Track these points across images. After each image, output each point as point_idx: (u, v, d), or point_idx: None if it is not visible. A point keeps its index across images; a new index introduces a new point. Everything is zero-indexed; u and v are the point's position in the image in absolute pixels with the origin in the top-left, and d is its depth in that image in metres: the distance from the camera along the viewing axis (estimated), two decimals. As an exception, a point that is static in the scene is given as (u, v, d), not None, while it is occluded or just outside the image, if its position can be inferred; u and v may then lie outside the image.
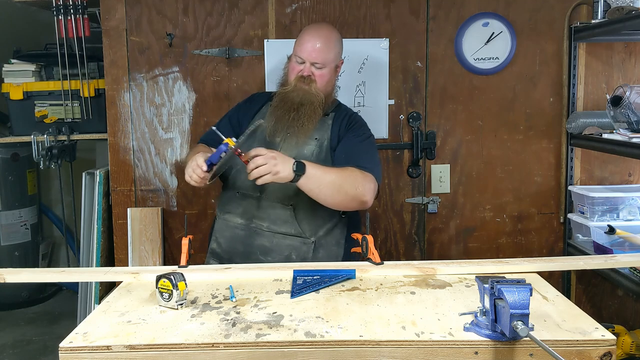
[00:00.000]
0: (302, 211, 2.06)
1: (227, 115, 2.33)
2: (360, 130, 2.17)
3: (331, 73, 2.15)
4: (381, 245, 2.93)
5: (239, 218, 2.11)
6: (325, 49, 2.11)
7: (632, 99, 2.43)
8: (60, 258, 4.45)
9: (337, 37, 2.18)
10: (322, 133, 2.13)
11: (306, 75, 2.10)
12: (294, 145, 2.10)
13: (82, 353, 1.32)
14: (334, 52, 2.14)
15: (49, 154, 2.96)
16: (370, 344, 1.33)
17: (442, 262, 1.86)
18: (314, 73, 2.11)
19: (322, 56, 2.10)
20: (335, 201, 1.96)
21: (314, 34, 2.13)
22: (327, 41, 2.12)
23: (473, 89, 2.89)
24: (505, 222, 2.97)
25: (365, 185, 1.96)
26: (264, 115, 2.17)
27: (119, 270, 1.89)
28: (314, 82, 2.10)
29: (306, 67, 2.11)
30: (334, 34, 2.17)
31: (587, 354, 1.31)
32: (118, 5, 2.76)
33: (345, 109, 2.27)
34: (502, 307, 1.27)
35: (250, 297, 1.60)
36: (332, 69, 2.15)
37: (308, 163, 1.90)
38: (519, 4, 2.85)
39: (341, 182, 1.93)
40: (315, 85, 2.10)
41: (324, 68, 2.11)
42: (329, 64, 2.12)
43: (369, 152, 2.12)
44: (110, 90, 2.81)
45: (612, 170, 2.95)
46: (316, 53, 2.10)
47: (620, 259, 1.97)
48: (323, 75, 2.12)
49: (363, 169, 1.99)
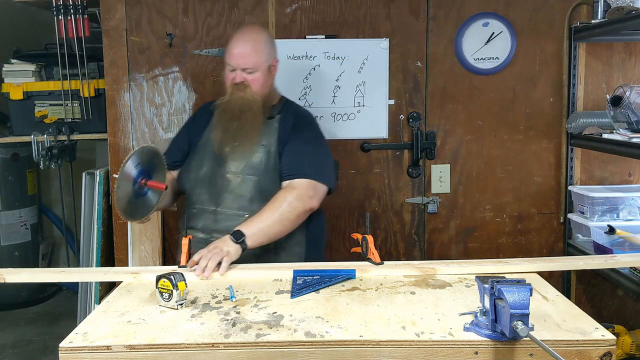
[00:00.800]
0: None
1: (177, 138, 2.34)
2: (304, 132, 2.16)
3: (265, 75, 2.12)
4: (381, 245, 2.93)
5: (200, 233, 2.13)
6: (253, 52, 2.09)
7: (632, 99, 2.43)
8: (60, 258, 4.45)
9: (266, 38, 2.15)
10: (269, 138, 2.12)
11: (239, 82, 2.09)
12: (242, 155, 2.11)
13: (82, 353, 1.32)
14: (263, 54, 2.11)
15: (49, 154, 2.96)
16: (370, 344, 1.33)
17: (442, 262, 1.86)
18: (247, 78, 2.09)
19: (251, 61, 2.08)
20: (290, 229, 2.01)
21: (240, 39, 2.11)
22: (255, 44, 2.10)
23: (473, 89, 2.89)
24: (505, 222, 2.97)
25: (302, 195, 2.00)
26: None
27: (119, 270, 1.89)
28: (248, 88, 2.09)
29: (238, 74, 2.09)
30: (261, 36, 2.14)
31: (587, 354, 1.31)
32: (118, 5, 2.76)
33: (293, 107, 2.26)
34: (502, 307, 1.27)
35: (250, 297, 1.61)
36: (266, 71, 2.12)
37: (241, 225, 1.94)
38: (519, 4, 2.85)
39: (280, 217, 1.97)
40: (251, 90, 2.09)
41: (256, 72, 2.09)
42: (260, 67, 2.10)
43: (313, 156, 2.13)
44: (110, 90, 2.81)
45: (612, 170, 2.95)
46: (244, 59, 2.08)
47: (620, 259, 1.97)
48: (256, 79, 2.10)
49: (304, 176, 2.03)
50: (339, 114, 2.87)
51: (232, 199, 2.09)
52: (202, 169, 2.15)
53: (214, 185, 2.11)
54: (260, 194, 2.07)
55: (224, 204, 2.10)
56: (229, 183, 2.10)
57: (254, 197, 2.07)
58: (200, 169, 2.15)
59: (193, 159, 2.20)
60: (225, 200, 2.09)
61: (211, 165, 2.14)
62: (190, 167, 2.19)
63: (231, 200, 2.09)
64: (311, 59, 2.82)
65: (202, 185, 2.13)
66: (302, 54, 2.82)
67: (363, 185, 2.92)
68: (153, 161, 1.95)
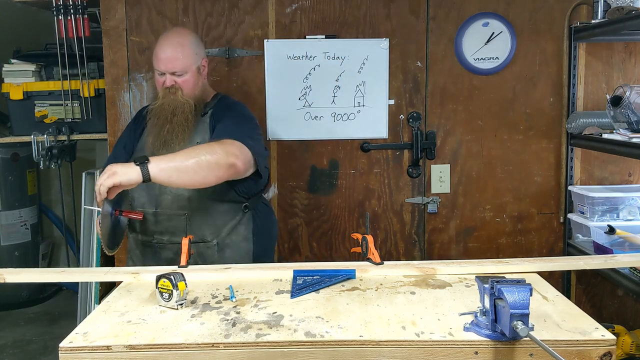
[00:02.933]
0: (198, 217, 2.08)
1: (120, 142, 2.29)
2: (233, 115, 2.13)
3: (195, 76, 2.12)
4: (381, 245, 2.94)
5: (142, 235, 2.14)
6: (179, 56, 2.07)
7: (632, 99, 2.43)
8: (60, 258, 4.45)
9: (191, 40, 2.14)
10: (203, 135, 2.10)
11: (170, 86, 2.08)
12: None
13: (82, 353, 1.32)
14: (190, 56, 2.10)
15: (49, 154, 2.96)
16: (370, 344, 1.33)
17: (442, 262, 1.86)
18: (177, 81, 2.08)
19: (178, 64, 2.07)
20: (204, 178, 1.86)
21: (165, 43, 2.10)
22: (180, 47, 2.08)
23: (473, 89, 2.89)
24: (505, 222, 2.97)
25: (227, 148, 1.88)
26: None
27: (119, 270, 1.89)
28: (179, 90, 2.08)
29: (167, 78, 2.08)
30: (186, 38, 2.13)
31: (587, 354, 1.31)
32: (118, 5, 2.76)
33: (225, 100, 2.23)
34: (502, 307, 1.27)
35: (250, 297, 1.60)
36: (195, 72, 2.12)
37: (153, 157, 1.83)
38: (519, 4, 2.85)
39: (198, 159, 1.82)
40: (182, 93, 2.08)
41: (186, 74, 2.08)
42: (188, 69, 2.09)
43: (240, 127, 2.06)
44: (110, 90, 2.81)
45: (612, 170, 2.95)
46: (172, 63, 2.07)
47: (620, 259, 1.97)
48: (186, 81, 2.09)
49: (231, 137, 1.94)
50: (339, 114, 2.87)
51: (171, 200, 2.07)
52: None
53: (152, 187, 2.07)
54: (198, 192, 2.04)
55: (163, 204, 2.09)
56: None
57: (192, 196, 2.06)
58: None
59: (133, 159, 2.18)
60: (164, 201, 2.08)
61: None
62: None
63: (170, 201, 2.08)
64: (311, 59, 2.82)
65: (142, 187, 2.07)
66: (302, 54, 2.82)
67: (363, 185, 2.92)
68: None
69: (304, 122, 2.85)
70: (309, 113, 2.86)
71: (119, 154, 2.25)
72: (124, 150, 2.25)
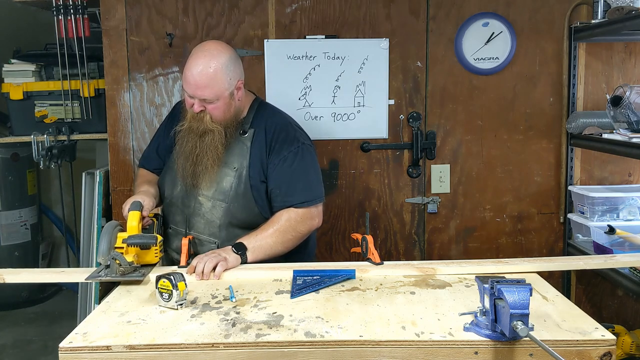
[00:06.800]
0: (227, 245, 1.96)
1: (154, 144, 2.24)
2: (285, 151, 2.01)
3: (227, 102, 1.94)
4: (381, 245, 2.93)
5: (175, 253, 2.09)
6: (210, 83, 1.88)
7: (632, 99, 2.43)
8: (60, 258, 4.45)
9: (224, 62, 1.90)
10: (241, 160, 2.01)
11: (197, 112, 1.93)
12: (213, 180, 2.00)
13: (82, 353, 1.32)
14: (222, 82, 1.89)
15: (49, 154, 2.96)
16: (370, 344, 1.33)
17: (442, 262, 1.86)
18: (206, 107, 1.92)
19: (207, 92, 1.89)
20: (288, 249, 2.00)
21: (194, 67, 1.88)
22: (213, 74, 1.87)
23: (473, 89, 2.89)
24: (505, 222, 2.97)
25: (306, 222, 2.01)
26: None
27: (119, 270, 1.88)
28: (207, 115, 1.93)
29: (196, 103, 1.92)
30: (219, 61, 1.89)
31: (587, 354, 1.31)
32: (118, 5, 2.76)
33: (264, 117, 2.06)
34: (502, 307, 1.27)
35: (250, 297, 1.61)
36: (227, 97, 1.93)
37: (244, 238, 1.92)
38: (519, 4, 2.85)
39: (283, 239, 1.96)
40: (210, 119, 1.93)
41: (217, 101, 1.91)
42: (220, 96, 1.91)
43: (302, 179, 2.02)
44: (110, 90, 2.81)
45: (612, 170, 2.95)
46: (201, 90, 1.88)
47: (620, 259, 1.97)
48: (217, 107, 1.92)
49: (299, 205, 1.99)
50: (339, 114, 2.87)
51: (204, 225, 2.02)
52: (177, 187, 2.07)
53: (187, 206, 2.04)
54: (230, 222, 2.00)
55: (195, 227, 2.03)
56: (201, 206, 2.02)
57: (222, 225, 2.00)
58: (175, 188, 2.08)
59: (167, 172, 2.13)
60: (197, 225, 2.03)
61: (184, 185, 2.04)
62: (165, 181, 2.12)
63: (202, 225, 2.03)
64: (311, 59, 2.82)
65: (176, 205, 2.06)
66: (302, 54, 2.82)
67: (363, 185, 2.92)
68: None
69: (304, 122, 2.84)
70: (309, 113, 2.86)
71: (152, 156, 2.22)
72: (156, 154, 2.21)
